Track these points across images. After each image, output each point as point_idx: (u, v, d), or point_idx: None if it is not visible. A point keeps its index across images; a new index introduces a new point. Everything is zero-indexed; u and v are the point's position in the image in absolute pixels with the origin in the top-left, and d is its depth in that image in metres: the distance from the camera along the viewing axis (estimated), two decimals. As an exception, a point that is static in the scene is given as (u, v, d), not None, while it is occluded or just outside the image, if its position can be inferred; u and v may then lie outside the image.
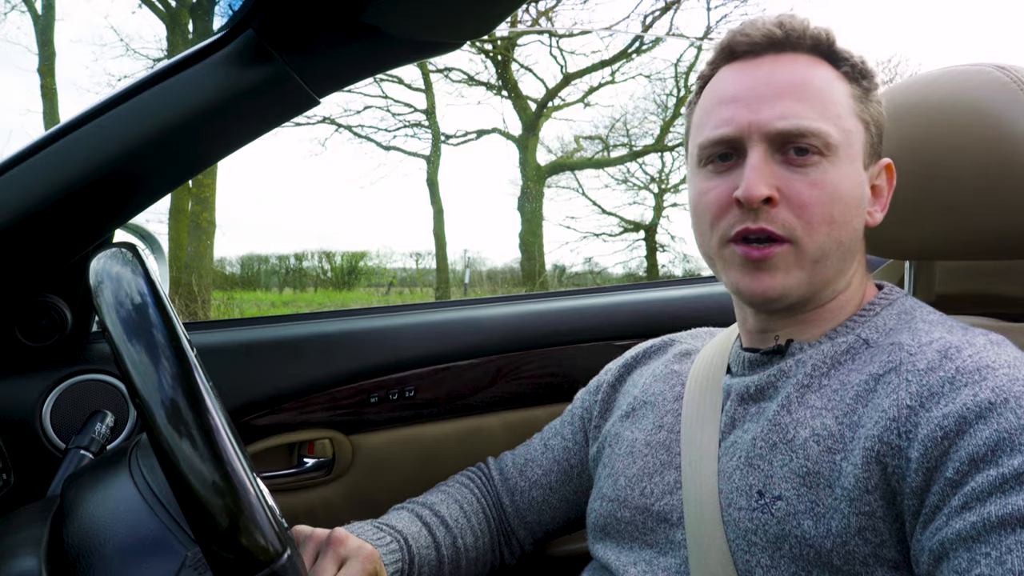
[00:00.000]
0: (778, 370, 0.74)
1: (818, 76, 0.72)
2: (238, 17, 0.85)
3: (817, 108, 0.71)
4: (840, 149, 0.71)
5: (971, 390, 0.61)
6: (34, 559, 0.56)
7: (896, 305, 0.76)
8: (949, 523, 0.59)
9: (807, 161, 0.70)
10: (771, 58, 0.73)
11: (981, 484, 0.58)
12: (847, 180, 0.71)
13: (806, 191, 0.70)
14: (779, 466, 0.69)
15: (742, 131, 0.71)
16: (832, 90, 0.72)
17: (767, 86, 0.72)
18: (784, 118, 0.70)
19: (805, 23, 0.74)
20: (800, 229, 0.70)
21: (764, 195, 0.69)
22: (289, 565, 0.50)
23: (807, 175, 0.70)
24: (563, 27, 9.55)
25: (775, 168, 0.71)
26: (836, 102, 0.72)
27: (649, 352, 0.97)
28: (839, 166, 0.71)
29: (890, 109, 0.89)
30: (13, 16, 8.34)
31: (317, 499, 1.24)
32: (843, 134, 0.71)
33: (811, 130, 0.69)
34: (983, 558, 0.56)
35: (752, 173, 0.69)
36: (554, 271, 10.10)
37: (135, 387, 0.51)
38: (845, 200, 0.71)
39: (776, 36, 0.73)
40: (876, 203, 0.77)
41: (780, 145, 0.71)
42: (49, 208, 0.84)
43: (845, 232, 0.72)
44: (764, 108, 0.71)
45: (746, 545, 0.69)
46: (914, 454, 0.61)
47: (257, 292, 10.01)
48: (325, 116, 9.01)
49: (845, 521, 0.63)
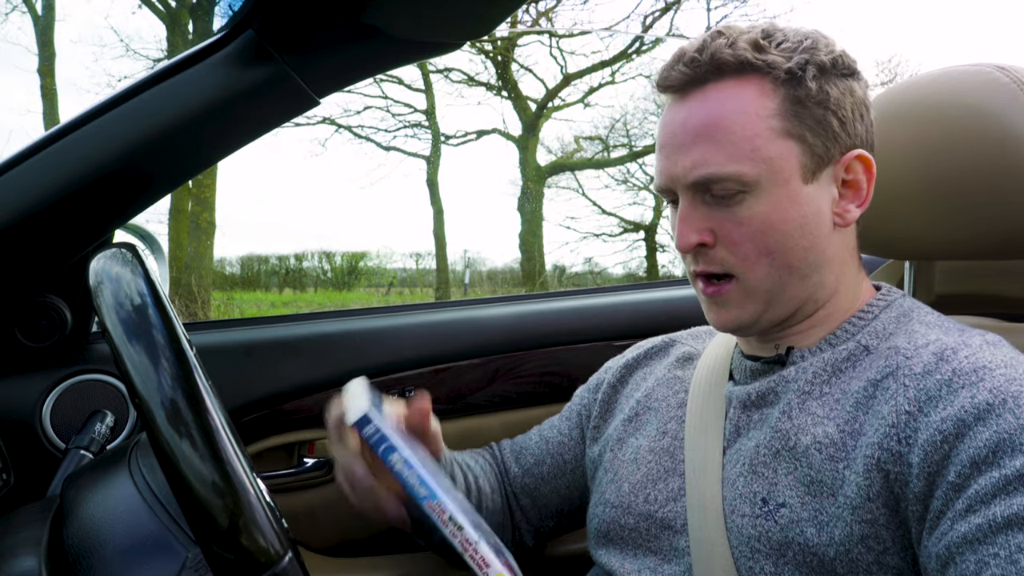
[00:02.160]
0: (780, 377, 0.74)
1: (734, 105, 0.70)
2: (238, 17, 0.85)
3: (728, 148, 0.70)
4: (762, 181, 0.70)
5: (968, 392, 0.61)
6: (34, 559, 0.56)
7: (894, 307, 0.76)
8: (954, 527, 0.58)
9: (731, 201, 0.71)
10: (695, 94, 0.73)
11: (984, 486, 0.57)
12: (779, 208, 0.70)
13: (736, 231, 0.71)
14: (783, 474, 0.69)
15: (668, 183, 0.75)
16: (749, 120, 0.70)
17: (683, 133, 0.73)
18: (696, 167, 0.71)
19: (716, 49, 0.71)
20: (739, 266, 0.72)
21: (694, 243, 0.72)
22: (290, 568, 0.50)
23: (734, 214, 0.71)
24: (563, 27, 9.55)
25: (706, 211, 0.72)
26: (753, 133, 0.70)
27: (651, 353, 0.97)
28: (764, 198, 0.70)
29: (890, 109, 0.89)
30: (13, 16, 8.34)
31: (317, 499, 1.24)
32: (761, 165, 0.70)
33: (721, 175, 0.70)
34: (992, 559, 0.55)
35: (681, 225, 0.73)
36: (554, 271, 10.11)
37: (135, 387, 0.51)
38: (779, 228, 0.71)
39: (688, 75, 0.73)
40: (855, 197, 0.74)
41: (703, 189, 0.72)
42: (49, 208, 0.84)
43: (792, 256, 0.71)
44: (680, 159, 0.72)
45: (750, 552, 0.69)
46: (915, 459, 0.61)
47: (257, 292, 10.01)
48: (325, 116, 9.03)
49: (848, 529, 0.63)
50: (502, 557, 0.66)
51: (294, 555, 0.51)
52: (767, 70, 0.71)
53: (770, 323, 0.75)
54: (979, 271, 0.97)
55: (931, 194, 0.84)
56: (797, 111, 0.71)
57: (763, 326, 0.75)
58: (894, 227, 0.88)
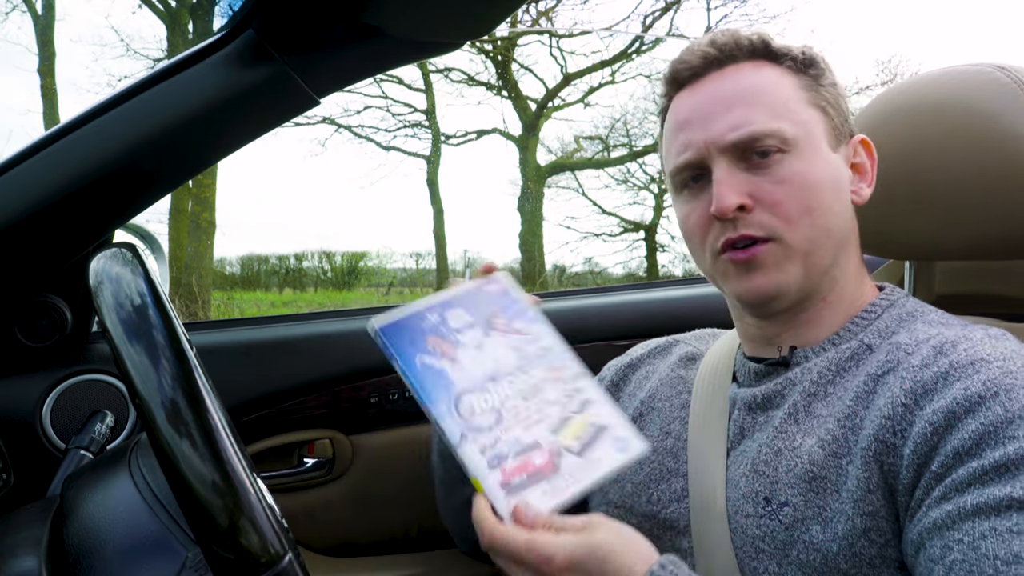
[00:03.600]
0: (785, 379, 0.74)
1: (762, 78, 0.74)
2: (238, 17, 0.85)
3: (766, 109, 0.72)
4: (800, 141, 0.72)
5: (962, 384, 0.61)
6: (34, 559, 0.56)
7: (897, 307, 0.76)
8: (928, 514, 0.59)
9: (770, 161, 0.71)
10: (714, 75, 0.75)
11: (962, 475, 0.58)
12: (815, 168, 0.72)
13: (777, 190, 0.71)
14: (784, 472, 0.68)
15: (701, 152, 0.73)
16: (779, 87, 0.74)
17: (714, 102, 0.74)
18: (736, 128, 0.71)
19: (736, 34, 0.75)
20: (781, 227, 0.71)
21: (735, 204, 0.70)
22: (290, 568, 0.50)
23: (774, 174, 0.71)
24: (563, 27, 9.55)
25: (742, 176, 0.72)
26: (785, 97, 0.73)
27: (653, 352, 0.97)
28: (803, 157, 0.72)
29: (890, 109, 0.89)
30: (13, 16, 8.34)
31: (317, 499, 1.24)
32: (799, 126, 0.72)
33: (764, 132, 0.71)
34: (956, 544, 0.56)
35: (719, 188, 0.71)
36: (554, 271, 10.11)
37: (135, 387, 0.51)
38: (818, 187, 0.72)
39: (711, 55, 0.75)
40: (861, 180, 0.77)
41: (741, 154, 0.72)
42: (49, 208, 0.84)
43: (829, 217, 0.72)
44: (715, 123, 0.72)
45: (754, 552, 0.68)
46: (907, 451, 0.62)
47: (257, 292, 10.01)
48: (325, 116, 9.02)
49: (850, 523, 0.63)
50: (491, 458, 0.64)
51: (294, 555, 0.51)
52: (782, 55, 0.75)
53: (800, 294, 0.73)
54: (979, 271, 0.97)
55: (931, 194, 0.84)
56: (815, 87, 0.75)
57: (792, 297, 0.73)
58: (894, 227, 0.88)
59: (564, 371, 0.71)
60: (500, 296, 0.74)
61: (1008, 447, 0.57)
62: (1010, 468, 0.56)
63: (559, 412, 0.68)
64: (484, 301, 0.73)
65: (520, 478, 0.63)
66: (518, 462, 0.64)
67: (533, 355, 0.71)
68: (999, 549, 0.54)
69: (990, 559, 0.54)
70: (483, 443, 0.64)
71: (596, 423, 0.68)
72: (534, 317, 0.74)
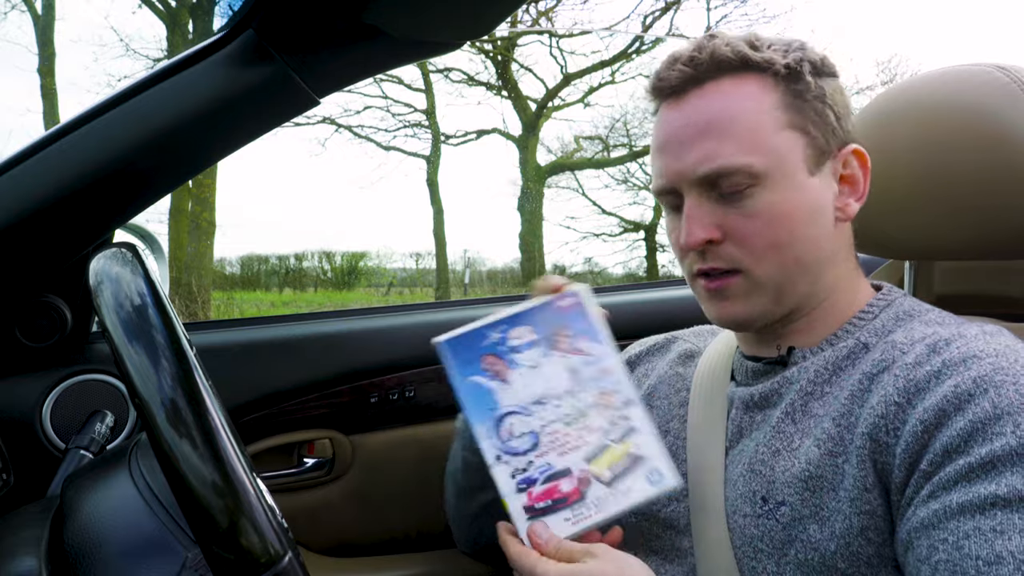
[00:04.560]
0: (782, 378, 0.74)
1: (738, 102, 0.71)
2: (238, 17, 0.85)
3: (736, 141, 0.70)
4: (771, 173, 0.70)
5: (953, 381, 0.61)
6: (34, 559, 0.56)
7: (894, 306, 0.76)
8: (916, 513, 0.59)
9: (742, 195, 0.70)
10: (694, 93, 0.73)
11: (949, 473, 0.58)
12: (787, 200, 0.71)
13: (746, 224, 0.71)
14: (781, 471, 0.69)
15: (673, 181, 0.73)
16: (753, 113, 0.71)
17: (687, 129, 0.72)
18: (705, 162, 0.71)
19: (715, 49, 0.72)
20: (747, 261, 0.71)
21: (702, 239, 0.71)
22: (290, 568, 0.50)
23: (743, 208, 0.71)
24: (563, 27, 9.55)
25: (713, 207, 0.72)
26: (758, 126, 0.71)
27: (652, 350, 0.96)
28: (775, 190, 0.70)
29: (890, 109, 0.89)
30: (13, 16, 8.34)
31: (317, 499, 1.24)
32: (770, 156, 0.70)
33: (732, 167, 0.70)
34: (940, 544, 0.56)
35: (688, 223, 0.72)
36: (554, 271, 10.10)
37: (135, 387, 0.51)
38: (789, 219, 0.71)
39: (688, 73, 0.73)
40: (851, 194, 0.75)
41: (711, 186, 0.71)
42: (49, 208, 0.84)
43: (800, 248, 0.71)
44: (687, 154, 0.72)
45: (752, 552, 0.69)
46: (899, 450, 0.61)
47: (257, 292, 10.02)
48: (325, 116, 9.03)
49: (847, 522, 0.63)
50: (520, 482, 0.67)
51: (294, 555, 0.51)
52: (766, 66, 0.72)
53: (773, 318, 0.74)
54: (979, 271, 0.97)
55: (931, 194, 0.84)
56: (798, 104, 0.72)
57: (766, 321, 0.74)
58: (894, 227, 0.88)
59: (615, 397, 0.72)
60: (571, 313, 0.74)
61: (995, 443, 0.56)
62: (996, 465, 0.56)
63: (599, 439, 0.70)
64: (553, 317, 0.74)
65: (545, 503, 0.67)
66: (545, 488, 0.67)
67: (588, 378, 0.72)
68: (981, 549, 0.54)
69: (972, 559, 0.54)
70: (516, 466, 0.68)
71: (634, 453, 0.70)
72: (602, 336, 0.74)
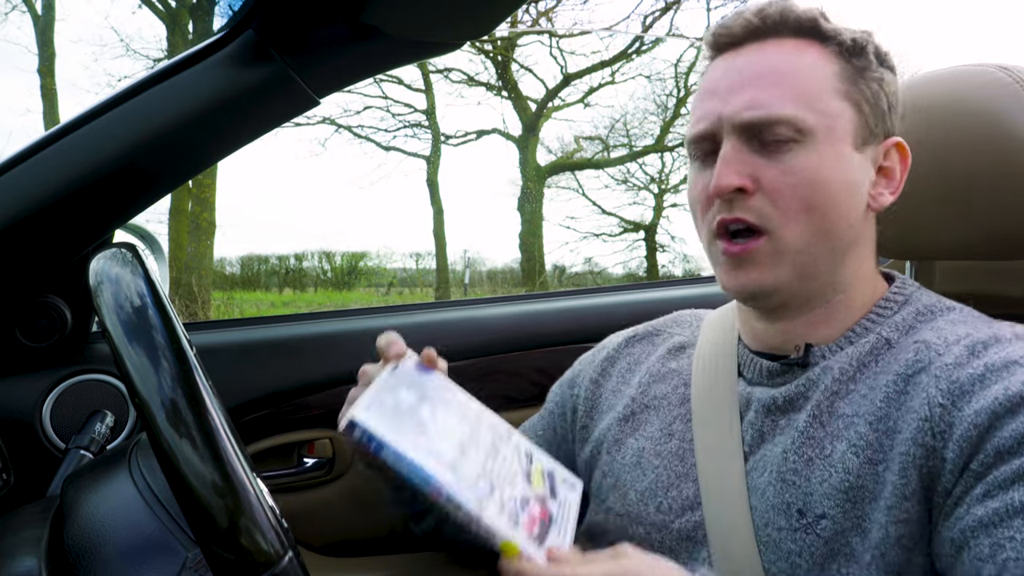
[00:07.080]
0: (806, 379, 0.71)
1: (798, 59, 0.70)
2: (238, 17, 0.85)
3: (790, 93, 0.68)
4: (817, 133, 0.68)
5: (1001, 386, 0.60)
6: (34, 559, 0.56)
7: (913, 301, 0.74)
8: (971, 511, 0.58)
9: (782, 149, 0.68)
10: (753, 47, 0.71)
11: (1005, 473, 0.57)
12: (828, 165, 0.68)
13: (780, 179, 0.68)
14: (818, 482, 0.66)
15: (714, 125, 0.70)
16: (812, 72, 0.69)
17: (741, 75, 0.70)
18: (752, 107, 0.68)
19: (786, 7, 0.71)
20: (776, 219, 0.68)
21: (733, 185, 0.68)
22: (290, 568, 0.50)
23: (782, 162, 0.68)
24: (563, 27, 9.55)
25: (750, 157, 0.69)
26: (815, 85, 0.69)
27: (631, 341, 0.92)
28: (817, 151, 0.68)
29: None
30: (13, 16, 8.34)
31: (317, 499, 1.24)
32: (821, 117, 0.68)
33: (779, 117, 0.67)
34: (1008, 542, 0.55)
35: (721, 165, 0.68)
36: (554, 271, 10.10)
37: (135, 387, 0.51)
38: (826, 185, 0.68)
39: (754, 24, 0.71)
40: (888, 184, 0.73)
41: (753, 134, 0.69)
42: (49, 208, 0.84)
43: (830, 220, 0.69)
44: (734, 98, 0.69)
45: (789, 568, 0.65)
46: (950, 455, 0.60)
47: (257, 292, 10.01)
48: (325, 116, 9.02)
49: (883, 531, 0.62)
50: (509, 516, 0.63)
51: (294, 555, 0.51)
52: (831, 36, 0.71)
53: (791, 296, 0.71)
54: (979, 271, 0.97)
55: (932, 194, 0.84)
56: (857, 79, 0.71)
57: (784, 298, 0.71)
58: (895, 227, 0.88)
59: (500, 427, 0.72)
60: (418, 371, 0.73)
61: None
62: None
63: (519, 466, 0.69)
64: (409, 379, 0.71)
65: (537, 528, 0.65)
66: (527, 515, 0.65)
67: (475, 419, 0.71)
68: None
69: None
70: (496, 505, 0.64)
71: (545, 469, 0.71)
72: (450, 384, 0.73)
